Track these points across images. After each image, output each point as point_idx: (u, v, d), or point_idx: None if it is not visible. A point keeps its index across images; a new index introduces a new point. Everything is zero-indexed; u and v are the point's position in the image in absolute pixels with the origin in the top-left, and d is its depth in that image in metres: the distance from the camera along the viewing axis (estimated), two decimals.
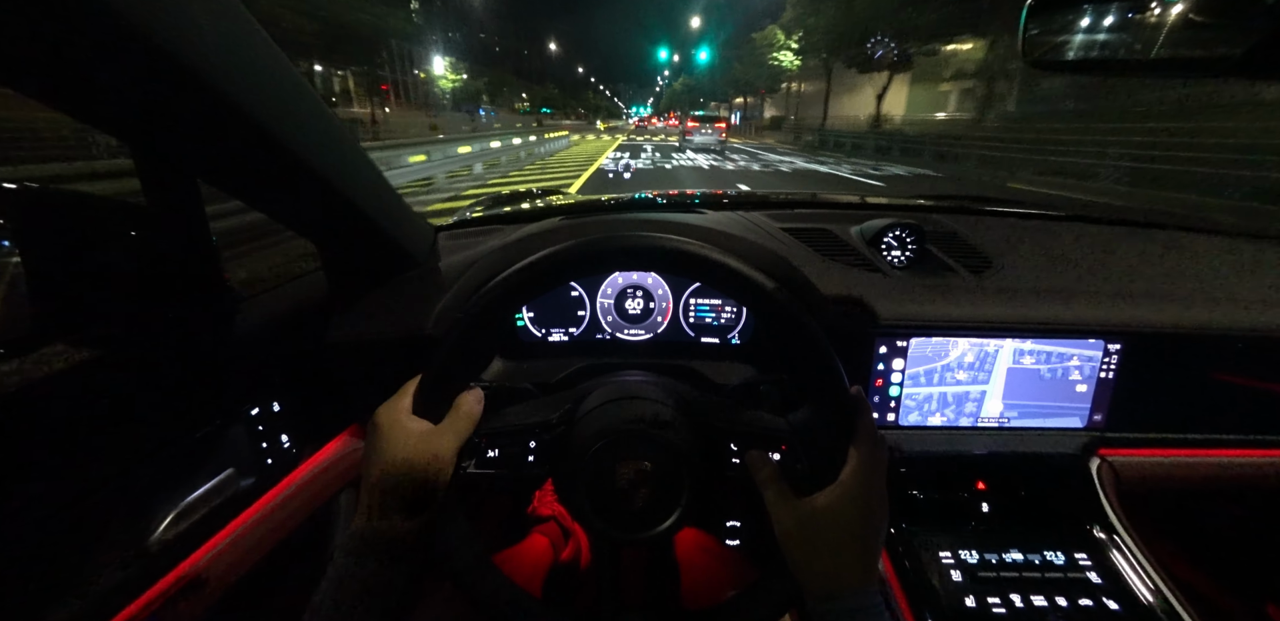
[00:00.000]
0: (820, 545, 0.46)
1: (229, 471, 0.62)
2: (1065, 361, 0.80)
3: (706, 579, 0.82)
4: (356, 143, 0.61)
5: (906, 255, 0.89)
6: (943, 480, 0.79)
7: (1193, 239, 0.96)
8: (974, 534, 0.74)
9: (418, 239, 0.80)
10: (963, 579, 0.68)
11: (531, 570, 0.90)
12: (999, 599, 0.65)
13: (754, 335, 0.94)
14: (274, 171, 0.52)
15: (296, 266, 0.86)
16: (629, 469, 0.52)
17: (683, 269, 0.52)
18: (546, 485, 0.59)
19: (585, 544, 1.00)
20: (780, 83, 32.67)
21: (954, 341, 0.79)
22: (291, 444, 0.72)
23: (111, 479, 0.51)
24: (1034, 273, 0.84)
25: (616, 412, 0.56)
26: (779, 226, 0.91)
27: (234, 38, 0.43)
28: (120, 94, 0.40)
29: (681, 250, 0.50)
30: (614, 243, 0.51)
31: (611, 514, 0.53)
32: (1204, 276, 0.85)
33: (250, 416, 0.66)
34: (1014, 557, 0.70)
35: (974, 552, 0.71)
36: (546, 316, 0.95)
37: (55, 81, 0.38)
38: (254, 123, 0.45)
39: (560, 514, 1.09)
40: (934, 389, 0.81)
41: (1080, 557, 0.70)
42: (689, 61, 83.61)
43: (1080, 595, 0.65)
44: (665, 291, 0.93)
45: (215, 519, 0.60)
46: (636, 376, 0.70)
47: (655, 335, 0.95)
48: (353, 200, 0.60)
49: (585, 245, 0.50)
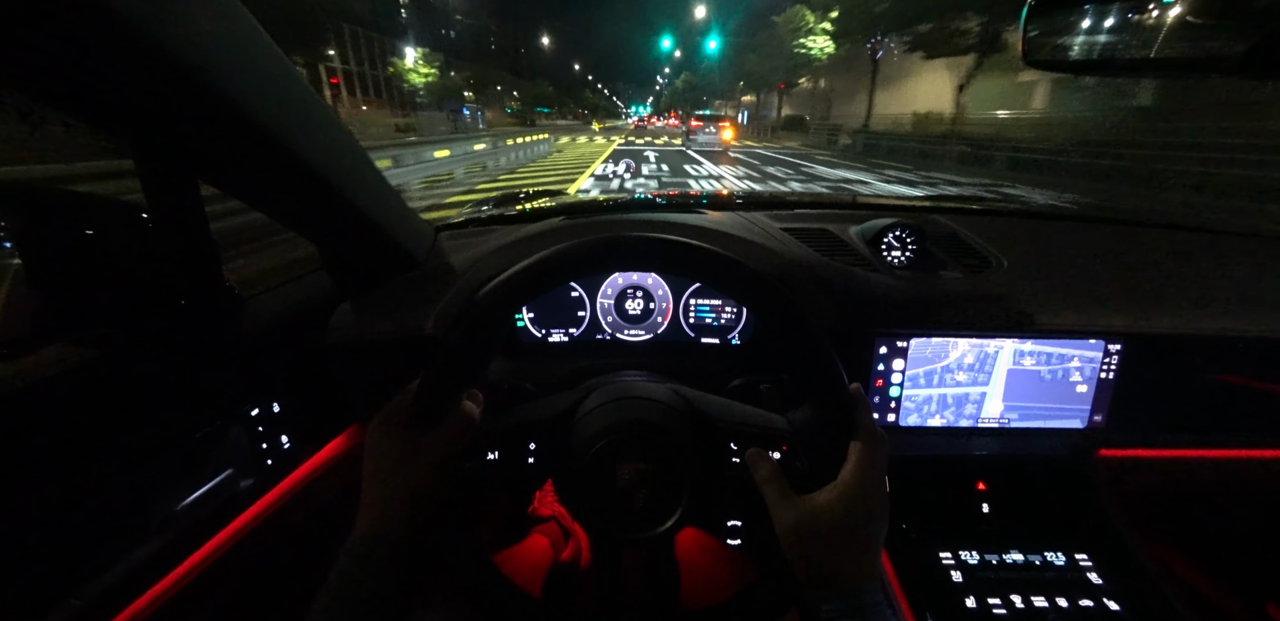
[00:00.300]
0: (821, 543, 0.46)
1: (229, 471, 0.62)
2: (1065, 362, 0.80)
3: (706, 579, 0.82)
4: (356, 143, 0.61)
5: (906, 255, 0.88)
6: (943, 480, 0.79)
7: (1192, 238, 0.96)
8: (974, 534, 0.74)
9: (418, 239, 0.80)
10: (963, 579, 0.68)
11: (531, 570, 0.90)
12: (999, 599, 0.65)
13: (754, 335, 0.94)
14: (274, 171, 0.52)
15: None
16: (629, 469, 0.52)
17: (682, 269, 0.52)
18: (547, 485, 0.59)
19: (585, 544, 1.00)
20: (800, 76, 28.28)
21: (954, 342, 0.79)
22: (291, 444, 0.72)
23: (112, 479, 0.51)
24: (1034, 273, 0.84)
25: (616, 413, 0.56)
26: (779, 227, 0.91)
27: (234, 38, 0.43)
28: (120, 94, 0.40)
29: (681, 250, 0.50)
30: (614, 242, 0.51)
31: (612, 514, 0.52)
32: (1204, 277, 0.85)
33: (250, 417, 0.66)
34: (1014, 558, 0.70)
35: (974, 553, 0.71)
36: (547, 317, 0.95)
37: (55, 82, 0.38)
38: (254, 123, 0.45)
39: (560, 514, 1.09)
40: (934, 390, 0.81)
41: (1080, 558, 0.70)
42: (691, 57, 79.40)
43: (1080, 595, 0.65)
44: (665, 292, 0.93)
45: (215, 519, 0.60)
46: (636, 376, 0.70)
47: (655, 335, 0.95)
48: (353, 200, 0.60)
49: (585, 245, 0.50)
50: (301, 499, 0.72)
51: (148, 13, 0.35)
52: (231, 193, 0.54)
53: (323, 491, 0.77)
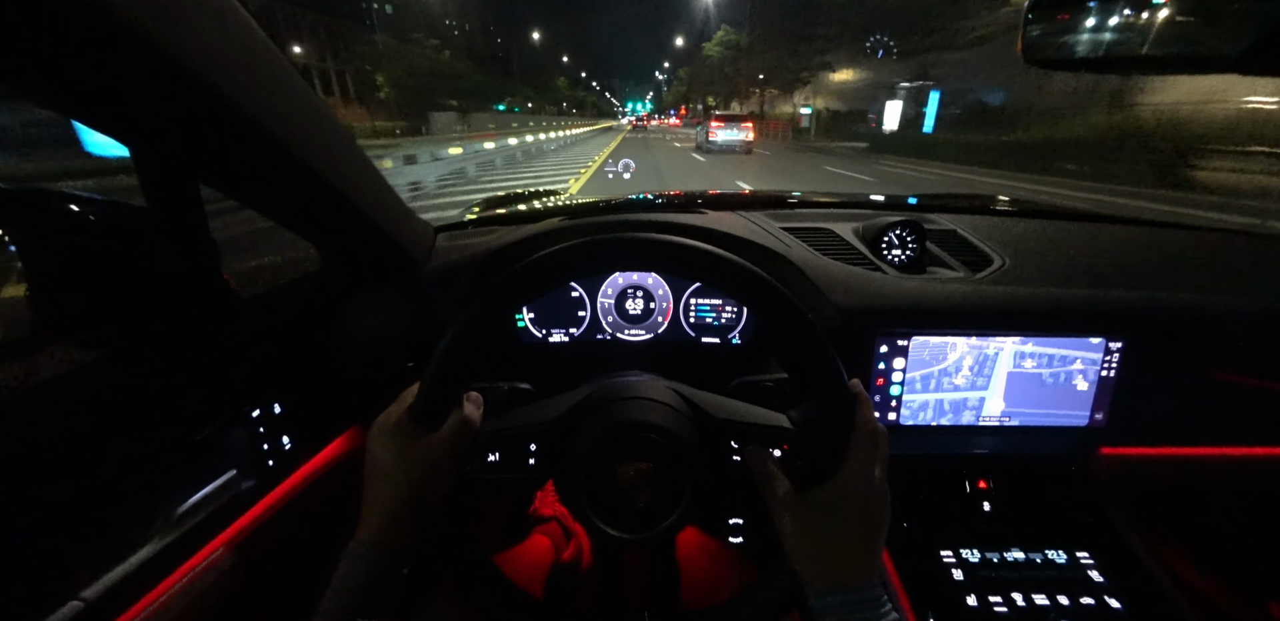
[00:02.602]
0: (821, 539, 0.46)
1: (231, 473, 0.62)
2: (1068, 365, 0.79)
3: (707, 579, 0.82)
4: (355, 143, 0.61)
5: (907, 254, 0.88)
6: (944, 479, 0.79)
7: (1191, 236, 0.96)
8: (975, 533, 0.74)
9: (417, 240, 0.80)
10: (964, 577, 0.68)
11: (533, 570, 0.90)
12: (1000, 597, 0.65)
13: (754, 335, 0.94)
14: (274, 172, 0.52)
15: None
16: (630, 469, 0.52)
17: (682, 269, 0.52)
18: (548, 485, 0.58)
19: (587, 544, 1.00)
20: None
21: (952, 344, 0.79)
22: (292, 445, 0.72)
23: (113, 480, 0.51)
24: (1034, 271, 0.84)
25: (617, 413, 0.56)
26: (779, 226, 0.91)
27: (234, 38, 0.43)
28: (120, 95, 0.40)
29: (681, 251, 0.50)
30: (614, 243, 0.51)
31: (613, 514, 0.52)
32: (1204, 275, 0.85)
33: (251, 418, 0.66)
34: (1015, 556, 0.70)
35: (975, 551, 0.71)
36: (547, 317, 0.95)
37: (54, 82, 0.38)
38: (254, 124, 0.45)
39: (562, 514, 1.09)
40: (931, 395, 0.81)
41: (1081, 556, 0.70)
42: (700, 42, 67.87)
43: (1081, 594, 0.65)
44: (665, 292, 0.93)
45: (218, 520, 0.60)
46: (637, 376, 0.70)
47: (656, 335, 0.95)
48: (352, 201, 0.60)
49: (585, 245, 0.50)
50: (303, 500, 0.72)
51: (147, 12, 0.35)
52: (231, 193, 0.54)
53: (324, 492, 0.77)
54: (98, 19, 0.33)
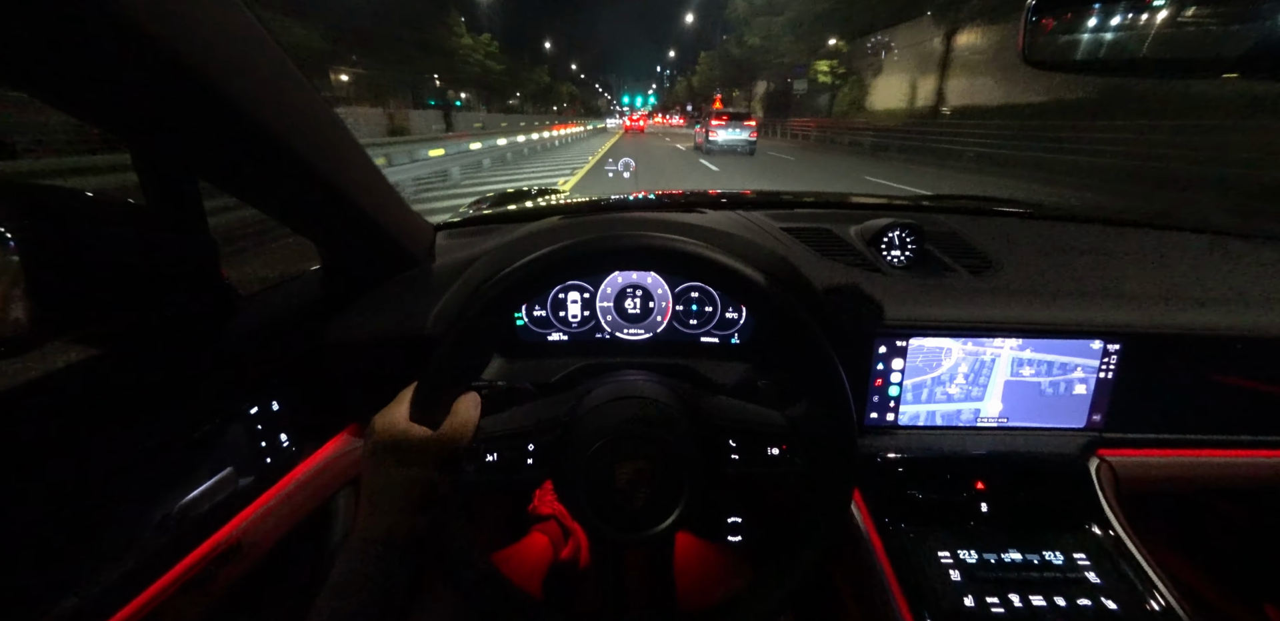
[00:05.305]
0: None
1: (228, 470, 0.62)
2: (1067, 373, 0.79)
3: (706, 579, 0.83)
4: (355, 141, 0.61)
5: (906, 255, 0.88)
6: (942, 480, 0.79)
7: (1192, 239, 0.96)
8: (973, 534, 0.74)
9: (417, 238, 0.80)
10: (961, 579, 0.68)
11: (531, 569, 0.90)
12: (998, 599, 0.65)
13: (754, 334, 0.94)
14: (273, 170, 0.52)
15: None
16: (628, 468, 0.52)
17: (681, 268, 0.52)
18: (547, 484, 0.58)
19: (585, 543, 1.00)
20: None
21: (948, 350, 0.79)
22: (290, 443, 0.72)
23: (111, 478, 0.51)
24: (1033, 273, 0.84)
25: (616, 412, 0.56)
26: (779, 226, 0.91)
27: (234, 36, 0.43)
28: (120, 93, 0.40)
29: (680, 250, 0.50)
30: (613, 242, 0.51)
31: (611, 514, 0.52)
32: (1203, 276, 0.85)
33: (249, 415, 0.66)
34: (1013, 557, 0.70)
35: (973, 552, 0.71)
36: (546, 316, 0.95)
37: (55, 80, 0.38)
38: (254, 121, 0.45)
39: (560, 513, 1.09)
40: (924, 407, 0.81)
41: (1079, 558, 0.70)
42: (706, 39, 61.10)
43: (1079, 595, 0.65)
44: (665, 291, 0.93)
45: (214, 518, 0.60)
46: (636, 376, 0.70)
47: (655, 334, 0.95)
48: (352, 199, 0.60)
49: (584, 245, 0.50)
50: (301, 497, 0.72)
51: (148, 11, 0.35)
52: (231, 191, 0.54)
53: (322, 490, 0.77)
54: (98, 14, 0.33)
